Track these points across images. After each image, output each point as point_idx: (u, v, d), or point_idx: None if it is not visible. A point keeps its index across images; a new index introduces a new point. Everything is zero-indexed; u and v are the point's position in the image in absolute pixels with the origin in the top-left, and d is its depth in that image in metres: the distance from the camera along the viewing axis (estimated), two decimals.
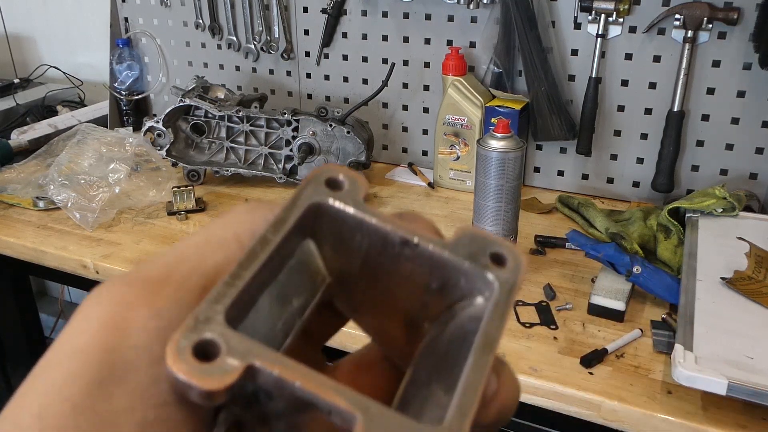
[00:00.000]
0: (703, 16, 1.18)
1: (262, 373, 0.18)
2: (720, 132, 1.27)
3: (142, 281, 0.20)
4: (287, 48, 1.60)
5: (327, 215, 0.22)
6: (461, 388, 0.19)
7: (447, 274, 0.22)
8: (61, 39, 1.99)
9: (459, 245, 0.22)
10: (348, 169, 0.23)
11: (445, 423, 0.18)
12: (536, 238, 1.19)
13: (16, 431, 0.18)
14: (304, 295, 0.22)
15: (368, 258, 0.23)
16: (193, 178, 1.44)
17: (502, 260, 0.22)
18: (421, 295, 0.23)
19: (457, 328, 0.22)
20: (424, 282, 0.23)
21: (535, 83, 1.34)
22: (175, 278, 0.20)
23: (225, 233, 0.22)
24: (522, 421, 0.97)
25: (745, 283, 0.92)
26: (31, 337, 1.60)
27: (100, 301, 0.20)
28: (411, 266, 0.22)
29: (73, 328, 0.19)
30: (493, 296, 0.21)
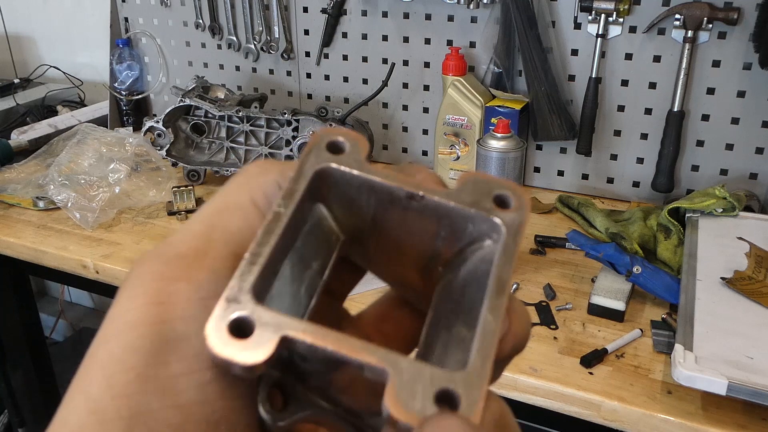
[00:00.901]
0: (703, 16, 1.18)
1: (296, 342, 0.19)
2: (720, 132, 1.27)
3: (178, 257, 0.21)
4: (287, 48, 1.60)
5: (332, 179, 0.23)
6: (480, 333, 0.20)
7: (454, 222, 0.23)
8: (61, 39, 1.99)
9: (463, 192, 0.23)
10: (347, 130, 0.24)
11: (469, 367, 0.19)
12: (536, 238, 1.19)
13: (89, 402, 0.19)
14: (321, 256, 0.23)
15: (377, 214, 0.24)
16: (193, 178, 1.44)
17: (506, 202, 0.23)
18: (431, 243, 0.24)
19: (469, 272, 0.23)
20: (434, 231, 0.23)
21: (535, 83, 1.34)
22: (206, 250, 0.22)
23: (241, 198, 0.23)
24: (522, 421, 0.97)
25: (745, 283, 0.92)
26: (31, 337, 1.60)
27: (142, 280, 0.21)
28: (419, 218, 0.23)
29: (121, 305, 0.21)
30: (501, 239, 0.22)
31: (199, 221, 0.23)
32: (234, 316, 0.19)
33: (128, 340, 0.20)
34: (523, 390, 0.86)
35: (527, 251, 1.16)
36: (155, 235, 1.24)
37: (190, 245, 0.22)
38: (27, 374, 1.62)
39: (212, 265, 0.21)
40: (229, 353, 0.19)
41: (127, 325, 0.20)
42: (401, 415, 0.18)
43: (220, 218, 0.23)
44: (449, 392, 0.19)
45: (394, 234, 0.24)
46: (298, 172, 0.22)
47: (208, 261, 0.21)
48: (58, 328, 2.47)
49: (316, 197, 0.23)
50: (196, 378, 0.20)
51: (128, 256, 1.17)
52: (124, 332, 0.20)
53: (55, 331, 2.46)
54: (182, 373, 0.20)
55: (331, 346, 0.19)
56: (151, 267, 0.21)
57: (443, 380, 0.19)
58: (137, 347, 0.20)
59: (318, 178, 0.23)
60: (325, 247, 0.24)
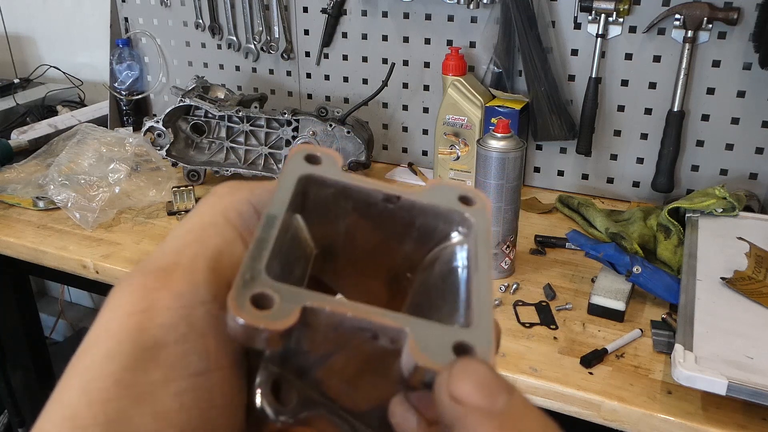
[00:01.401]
0: (703, 16, 1.18)
1: (316, 312, 0.20)
2: (720, 132, 1.27)
3: (158, 269, 0.22)
4: (287, 48, 1.60)
5: (314, 185, 0.24)
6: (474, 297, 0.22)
7: (426, 220, 0.25)
8: (61, 39, 1.99)
9: (432, 195, 0.25)
10: (321, 147, 0.26)
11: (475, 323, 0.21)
12: (536, 238, 1.19)
13: (65, 409, 0.20)
14: (301, 264, 0.25)
15: (351, 222, 0.25)
16: (193, 178, 1.44)
17: (470, 201, 0.25)
18: (403, 246, 0.26)
19: (443, 265, 0.25)
20: (405, 234, 0.25)
21: (535, 83, 1.34)
22: (185, 263, 0.22)
23: (215, 217, 0.24)
24: None
25: (745, 283, 0.92)
26: (31, 337, 1.60)
27: (123, 291, 0.22)
28: (392, 221, 0.25)
29: (104, 316, 0.21)
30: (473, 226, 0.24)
31: (177, 238, 0.24)
32: (254, 290, 0.20)
33: (107, 347, 0.20)
34: (523, 390, 0.86)
35: (527, 251, 1.16)
36: (155, 235, 1.24)
37: (168, 259, 0.23)
38: (27, 374, 1.62)
39: (191, 276, 0.22)
40: (255, 321, 0.19)
41: (107, 333, 0.21)
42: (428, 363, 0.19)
43: (196, 235, 0.23)
44: (464, 344, 0.20)
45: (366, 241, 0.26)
46: (282, 181, 0.24)
47: (187, 273, 0.22)
48: (58, 328, 2.47)
49: (297, 207, 0.24)
50: (174, 386, 0.20)
51: (128, 256, 1.17)
52: (104, 340, 0.20)
53: (55, 331, 2.46)
54: (160, 380, 0.20)
55: (351, 312, 0.20)
56: (133, 280, 0.22)
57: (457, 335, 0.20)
58: (115, 354, 0.20)
59: (300, 186, 0.24)
60: (302, 256, 0.25)
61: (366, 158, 1.41)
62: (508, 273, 1.09)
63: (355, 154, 1.41)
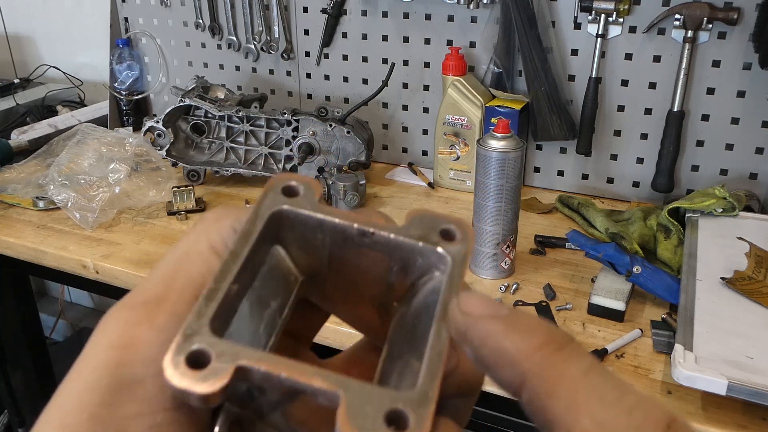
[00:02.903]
0: (703, 16, 1.18)
1: (251, 371, 0.20)
2: (720, 132, 1.27)
3: (142, 303, 0.23)
4: (287, 48, 1.60)
5: (288, 220, 0.24)
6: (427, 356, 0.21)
7: (405, 256, 0.24)
8: (61, 39, 1.99)
9: (411, 228, 0.24)
10: (300, 175, 0.25)
11: (416, 388, 0.20)
12: (536, 238, 1.19)
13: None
14: (280, 296, 0.24)
15: (333, 253, 0.25)
16: (193, 178, 1.44)
17: (451, 235, 0.24)
18: (385, 278, 0.25)
19: (420, 303, 0.24)
20: (386, 266, 0.25)
21: (535, 83, 1.34)
22: (168, 295, 0.23)
23: (200, 245, 0.24)
24: (522, 421, 0.97)
25: (745, 283, 0.92)
26: (31, 337, 1.60)
27: (107, 326, 0.22)
28: (371, 254, 0.24)
29: (87, 351, 0.22)
30: (447, 269, 0.23)
31: (163, 269, 0.24)
32: (191, 348, 0.20)
33: (87, 381, 0.21)
34: None
35: (527, 251, 1.16)
36: (155, 235, 1.24)
37: (152, 292, 0.23)
38: (27, 374, 1.62)
39: (173, 309, 0.22)
40: (185, 384, 0.19)
41: (88, 368, 0.21)
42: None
43: (181, 265, 0.24)
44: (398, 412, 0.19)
45: (349, 271, 0.25)
46: (254, 214, 0.24)
47: (170, 305, 0.22)
48: (58, 328, 2.47)
49: (274, 239, 0.24)
50: (148, 420, 0.20)
51: (128, 256, 1.17)
52: (84, 374, 0.21)
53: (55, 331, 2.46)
54: (135, 414, 0.20)
55: (285, 373, 0.20)
56: (117, 314, 0.22)
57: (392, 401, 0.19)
58: (93, 388, 0.20)
59: (274, 220, 0.24)
60: (283, 287, 0.25)
61: (366, 158, 1.41)
62: (508, 273, 1.09)
63: (355, 154, 1.41)
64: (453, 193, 1.43)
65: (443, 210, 1.34)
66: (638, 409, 0.18)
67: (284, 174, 0.25)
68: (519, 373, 0.20)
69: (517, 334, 0.20)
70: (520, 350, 0.20)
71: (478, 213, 1.05)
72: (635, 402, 0.18)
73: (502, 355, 0.20)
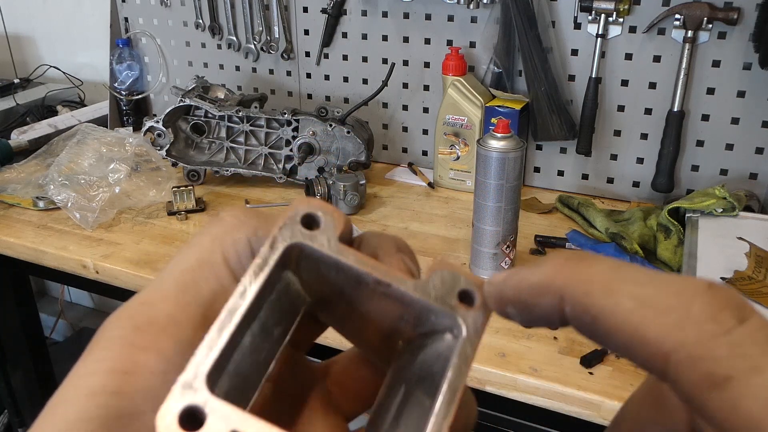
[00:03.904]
0: (703, 16, 1.18)
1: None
2: (720, 132, 1.27)
3: (149, 323, 0.21)
4: (287, 48, 1.60)
5: (303, 254, 0.23)
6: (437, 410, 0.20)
7: (418, 312, 0.23)
8: (61, 39, 1.99)
9: (430, 284, 0.23)
10: (326, 204, 0.24)
11: None
12: (536, 238, 1.19)
13: None
14: (285, 321, 0.24)
15: (345, 289, 0.24)
16: (193, 178, 1.44)
17: (470, 299, 0.23)
18: (395, 321, 0.24)
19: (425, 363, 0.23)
20: (399, 315, 0.24)
21: (535, 83, 1.34)
22: (177, 317, 0.22)
23: (214, 257, 0.23)
24: (522, 421, 0.97)
25: (745, 283, 0.92)
26: (31, 337, 1.60)
27: (111, 344, 0.21)
28: (385, 301, 0.24)
29: (86, 366, 0.21)
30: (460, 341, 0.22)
31: (173, 280, 0.23)
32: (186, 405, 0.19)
33: (85, 407, 0.20)
34: (523, 390, 0.86)
35: (527, 251, 1.16)
36: (155, 235, 1.24)
37: (161, 309, 0.22)
38: (27, 374, 1.62)
39: (181, 334, 0.21)
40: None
41: (87, 390, 0.20)
42: None
43: (193, 278, 0.23)
44: None
45: (359, 308, 0.25)
46: (270, 245, 0.23)
47: (178, 330, 0.21)
48: (58, 328, 2.47)
49: (286, 266, 0.23)
50: None
51: (128, 256, 1.17)
52: (84, 398, 0.20)
53: (55, 331, 2.46)
54: None
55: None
56: (122, 332, 0.21)
57: None
58: (92, 417, 0.19)
59: (289, 253, 0.23)
60: (290, 311, 0.24)
61: (366, 158, 1.41)
62: None
63: (355, 154, 1.41)
64: (453, 193, 1.43)
65: (443, 210, 1.35)
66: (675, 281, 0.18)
67: (307, 200, 0.23)
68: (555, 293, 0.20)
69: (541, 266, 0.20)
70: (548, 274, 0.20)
71: (478, 213, 1.05)
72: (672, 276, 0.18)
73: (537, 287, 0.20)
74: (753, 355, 0.16)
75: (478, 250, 1.07)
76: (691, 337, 0.17)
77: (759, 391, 0.16)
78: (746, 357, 0.16)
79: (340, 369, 0.29)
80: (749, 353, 0.16)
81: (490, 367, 0.88)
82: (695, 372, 0.17)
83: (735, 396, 0.16)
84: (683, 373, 0.17)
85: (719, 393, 0.16)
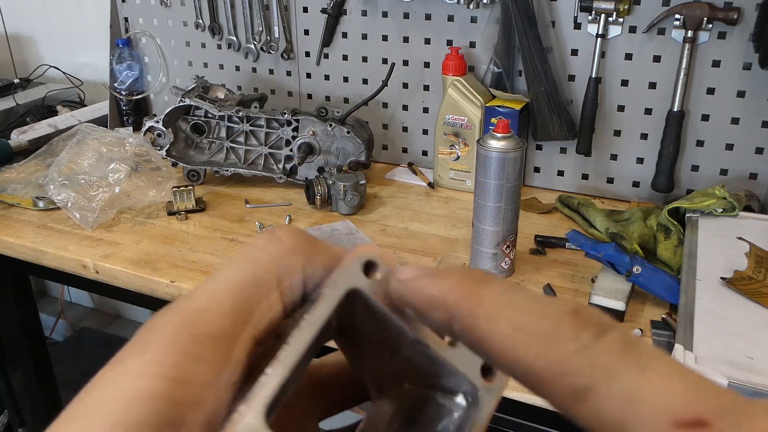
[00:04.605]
0: (703, 16, 1.18)
1: None
2: (720, 132, 1.27)
3: (207, 335, 0.21)
4: (287, 48, 1.60)
5: (359, 301, 0.24)
6: None
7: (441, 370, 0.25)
8: (61, 39, 1.99)
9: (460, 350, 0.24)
10: (386, 253, 0.24)
11: None
12: (536, 238, 1.19)
13: None
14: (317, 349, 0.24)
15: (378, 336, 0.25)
16: (193, 178, 1.44)
17: (490, 374, 0.25)
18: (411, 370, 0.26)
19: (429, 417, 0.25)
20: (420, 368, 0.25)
21: (535, 83, 1.34)
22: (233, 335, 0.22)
23: (270, 276, 0.23)
24: (522, 420, 0.97)
25: (745, 283, 0.92)
26: (31, 337, 1.60)
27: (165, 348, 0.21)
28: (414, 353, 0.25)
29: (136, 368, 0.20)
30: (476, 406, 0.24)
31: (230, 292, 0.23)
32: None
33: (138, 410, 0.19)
34: (523, 390, 0.86)
35: (527, 251, 1.16)
36: (155, 235, 1.24)
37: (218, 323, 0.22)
38: (27, 374, 1.62)
39: (235, 353, 0.21)
40: None
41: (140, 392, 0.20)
42: None
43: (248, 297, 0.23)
44: None
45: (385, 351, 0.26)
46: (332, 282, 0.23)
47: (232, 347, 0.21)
48: (58, 328, 2.47)
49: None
50: None
51: (128, 256, 1.17)
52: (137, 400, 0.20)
53: (55, 331, 2.46)
54: None
55: None
56: (178, 339, 0.21)
57: None
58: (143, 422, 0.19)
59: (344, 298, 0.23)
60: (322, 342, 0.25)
61: (366, 158, 1.41)
62: (508, 273, 1.09)
63: (355, 154, 1.41)
64: (453, 193, 1.43)
65: (443, 210, 1.35)
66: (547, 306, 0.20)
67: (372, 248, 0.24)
68: (446, 310, 0.21)
69: (440, 279, 0.22)
70: (442, 291, 0.21)
71: (478, 213, 1.05)
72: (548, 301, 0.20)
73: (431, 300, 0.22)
74: (608, 364, 0.18)
75: (478, 250, 1.07)
76: (556, 356, 0.19)
77: (616, 393, 0.18)
78: (602, 367, 0.18)
79: (327, 374, 0.30)
80: (605, 363, 0.18)
81: None
82: (562, 387, 0.19)
83: (597, 403, 0.18)
84: (553, 390, 0.19)
85: (584, 403, 0.18)
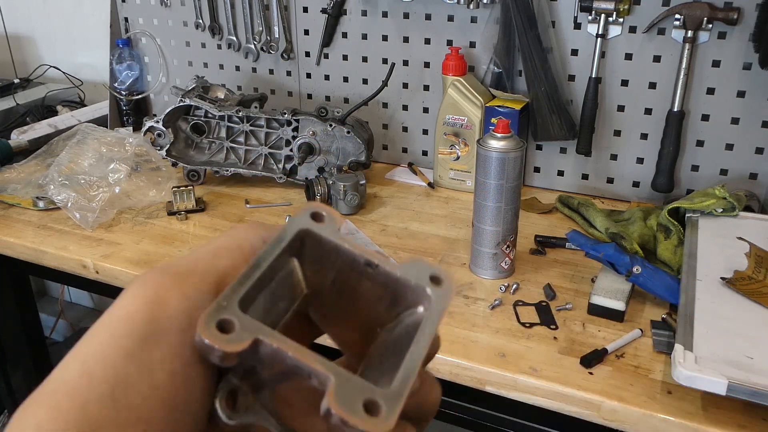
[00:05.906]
0: (703, 16, 1.18)
1: (264, 345, 0.25)
2: (720, 132, 1.27)
3: (174, 273, 0.28)
4: (287, 48, 1.60)
5: (311, 239, 0.30)
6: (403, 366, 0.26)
7: (397, 289, 0.29)
8: (61, 39, 1.99)
9: (407, 268, 0.29)
10: (328, 206, 0.31)
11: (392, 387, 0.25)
12: (536, 238, 1.19)
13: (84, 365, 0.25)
14: (287, 300, 0.30)
15: (338, 275, 0.30)
16: (193, 178, 1.44)
17: (438, 281, 0.29)
18: (376, 307, 0.30)
19: (402, 329, 0.29)
20: (380, 295, 0.30)
21: (535, 83, 1.34)
22: (197, 273, 0.28)
23: (231, 243, 0.30)
24: (522, 421, 0.97)
25: (745, 283, 0.92)
26: (31, 337, 1.60)
27: (144, 284, 0.27)
28: (370, 283, 0.30)
29: (124, 300, 0.27)
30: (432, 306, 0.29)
31: (196, 254, 0.30)
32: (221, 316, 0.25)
33: (125, 326, 0.26)
34: (523, 390, 0.86)
35: (527, 251, 1.16)
36: (155, 235, 1.24)
37: (185, 268, 0.28)
38: (27, 374, 1.62)
39: (198, 285, 0.28)
40: (212, 341, 0.24)
41: (127, 314, 0.26)
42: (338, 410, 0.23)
43: (211, 257, 0.29)
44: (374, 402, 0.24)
45: (348, 296, 0.30)
46: (286, 228, 0.29)
47: (196, 280, 0.28)
48: (58, 328, 2.47)
49: (294, 252, 0.30)
50: (169, 366, 0.25)
51: (128, 256, 1.17)
52: (124, 319, 0.26)
53: (55, 331, 2.46)
54: (160, 359, 0.25)
55: (291, 352, 0.25)
56: (153, 276, 0.27)
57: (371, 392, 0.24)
58: (130, 332, 0.25)
59: (300, 236, 0.29)
60: (291, 294, 0.30)
61: (366, 158, 1.41)
62: (508, 273, 1.09)
63: (355, 154, 1.41)
64: (453, 193, 1.43)
65: (443, 210, 1.35)
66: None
67: (315, 203, 0.31)
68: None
69: None
70: None
71: (478, 213, 1.05)
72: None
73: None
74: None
75: (478, 250, 1.07)
76: None
77: None
78: None
79: None
80: None
81: (490, 367, 0.88)
82: None
83: None
84: None
85: None
